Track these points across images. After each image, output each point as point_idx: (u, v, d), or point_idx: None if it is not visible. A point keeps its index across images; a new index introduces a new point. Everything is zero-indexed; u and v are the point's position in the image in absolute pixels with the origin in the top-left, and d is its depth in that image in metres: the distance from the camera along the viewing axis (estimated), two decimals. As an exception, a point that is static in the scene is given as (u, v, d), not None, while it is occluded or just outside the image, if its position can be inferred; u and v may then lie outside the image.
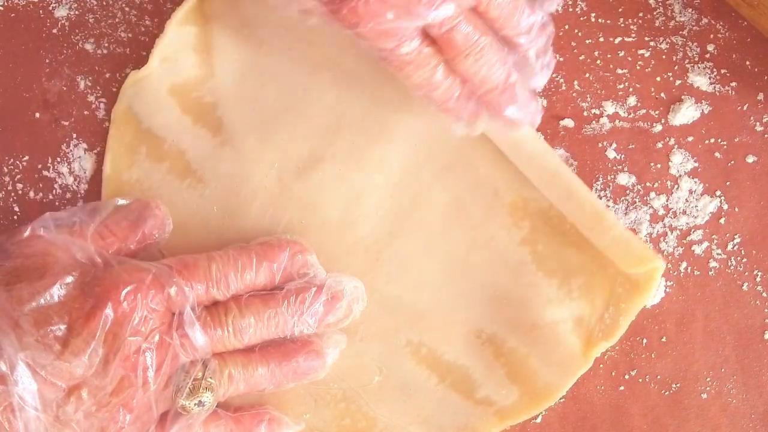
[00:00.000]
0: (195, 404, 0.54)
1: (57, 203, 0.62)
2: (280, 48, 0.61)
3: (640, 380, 0.60)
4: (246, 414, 0.58)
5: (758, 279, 0.60)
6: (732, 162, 0.60)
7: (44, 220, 0.55)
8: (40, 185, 0.62)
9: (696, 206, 0.60)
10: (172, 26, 0.60)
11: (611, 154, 0.61)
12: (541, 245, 0.59)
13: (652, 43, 0.61)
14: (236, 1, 0.61)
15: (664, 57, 0.61)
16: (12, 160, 0.62)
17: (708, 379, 0.60)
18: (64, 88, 0.62)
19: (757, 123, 0.60)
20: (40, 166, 0.62)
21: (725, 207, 0.60)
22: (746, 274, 0.60)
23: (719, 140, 0.60)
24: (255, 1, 0.61)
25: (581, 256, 0.59)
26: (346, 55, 0.61)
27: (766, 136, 0.60)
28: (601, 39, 0.61)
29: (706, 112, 0.61)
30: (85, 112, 0.62)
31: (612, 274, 0.59)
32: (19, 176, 0.62)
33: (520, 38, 0.54)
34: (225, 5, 0.61)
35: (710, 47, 0.61)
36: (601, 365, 0.60)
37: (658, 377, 0.60)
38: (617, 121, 0.61)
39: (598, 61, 0.61)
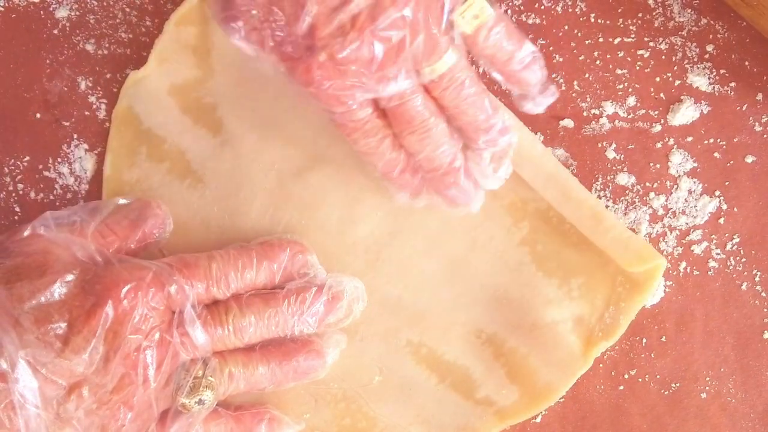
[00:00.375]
0: (195, 402, 0.54)
1: (58, 203, 0.62)
2: (280, 49, 0.61)
3: (640, 380, 0.60)
4: (246, 413, 0.58)
5: (757, 279, 0.60)
6: (731, 162, 0.61)
7: (44, 219, 0.55)
8: (41, 185, 0.62)
9: (695, 206, 0.60)
10: (171, 26, 0.61)
11: (611, 154, 0.61)
12: (540, 245, 0.60)
13: (651, 44, 0.61)
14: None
15: (663, 57, 0.61)
16: (13, 160, 0.62)
17: (707, 378, 0.60)
18: (65, 89, 0.62)
19: (756, 123, 0.61)
20: (40, 167, 0.62)
21: (724, 207, 0.60)
22: (745, 273, 0.60)
23: (718, 140, 0.61)
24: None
25: (581, 255, 0.59)
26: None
27: (765, 136, 0.61)
28: (601, 39, 0.61)
29: (705, 112, 0.61)
30: (86, 113, 0.62)
31: (612, 274, 0.59)
32: (20, 176, 0.62)
33: (478, 135, 0.54)
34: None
35: (709, 47, 0.61)
36: (601, 365, 0.60)
37: (658, 377, 0.60)
38: (617, 121, 0.61)
39: (598, 62, 0.61)
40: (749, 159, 0.60)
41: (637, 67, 0.61)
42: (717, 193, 0.60)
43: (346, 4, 0.48)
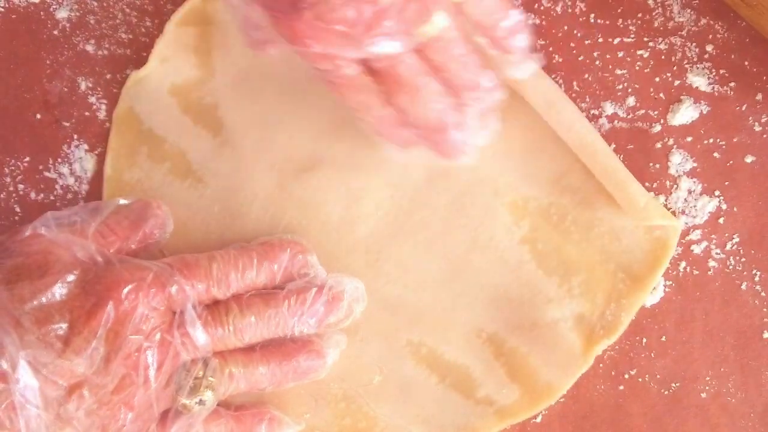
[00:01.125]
0: (196, 403, 0.54)
1: (58, 204, 0.62)
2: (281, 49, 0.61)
3: (640, 380, 0.60)
4: (246, 413, 0.58)
5: (757, 278, 0.60)
6: (731, 162, 0.60)
7: (45, 219, 0.55)
8: (42, 186, 0.62)
9: (695, 206, 0.60)
10: (172, 26, 0.61)
11: (610, 154, 0.61)
12: (540, 244, 0.60)
13: (651, 44, 0.61)
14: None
15: (663, 57, 0.61)
16: (13, 161, 0.62)
17: (707, 378, 0.60)
18: (65, 90, 0.62)
19: (756, 123, 0.60)
20: (41, 167, 0.62)
21: (724, 207, 0.60)
22: (745, 273, 0.60)
23: (718, 140, 0.60)
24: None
25: (581, 253, 0.59)
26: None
27: (764, 136, 0.60)
28: (600, 40, 0.61)
29: (704, 112, 0.61)
30: (86, 113, 0.62)
31: (613, 271, 0.59)
32: (20, 177, 0.62)
33: (466, 93, 0.53)
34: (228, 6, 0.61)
35: (709, 47, 0.61)
36: (601, 365, 0.60)
37: (658, 376, 0.60)
38: (616, 121, 0.61)
39: (597, 62, 0.61)
40: (749, 159, 0.60)
41: (637, 68, 0.61)
42: (717, 193, 0.60)
43: None
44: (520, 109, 0.60)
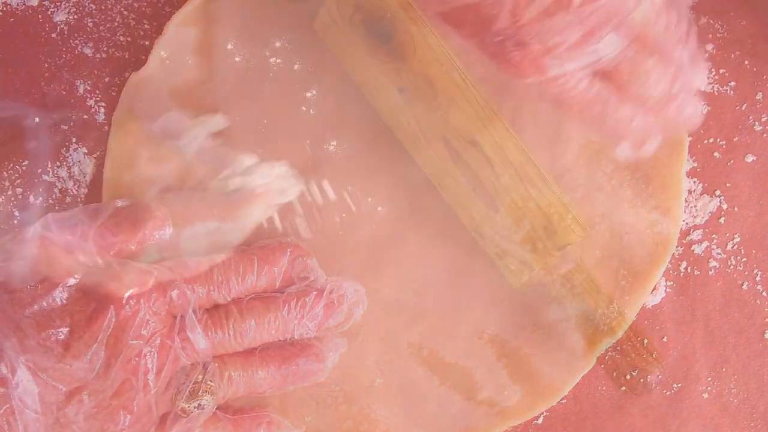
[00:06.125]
0: (194, 407, 0.54)
1: (57, 207, 0.62)
2: (282, 51, 0.61)
3: (642, 380, 0.60)
4: (245, 416, 0.58)
5: (758, 278, 0.60)
6: (731, 161, 0.60)
7: (46, 222, 0.55)
8: (40, 189, 0.62)
9: (695, 206, 0.60)
10: (172, 26, 0.61)
11: (611, 154, 0.61)
12: (541, 243, 0.59)
13: (650, 44, 0.61)
14: (243, 3, 0.61)
15: (662, 57, 0.61)
16: (12, 164, 0.62)
17: (709, 378, 0.60)
18: (64, 93, 0.62)
19: (756, 122, 0.60)
20: (39, 171, 0.62)
21: (725, 207, 0.60)
22: (746, 273, 0.60)
23: (718, 140, 0.60)
24: (261, 3, 0.61)
25: (582, 251, 0.59)
26: (347, 59, 0.61)
27: (765, 135, 0.60)
28: (600, 40, 0.61)
29: (704, 111, 0.61)
30: (85, 117, 0.62)
31: (615, 268, 0.59)
32: (18, 180, 0.62)
33: (674, 49, 0.50)
34: (231, 7, 0.61)
35: (709, 47, 0.61)
36: (602, 365, 0.60)
37: (659, 377, 0.60)
38: (616, 121, 0.61)
39: (597, 62, 0.61)
40: (749, 158, 0.60)
41: (637, 67, 0.61)
42: (717, 192, 0.60)
43: None
44: (518, 108, 0.60)
